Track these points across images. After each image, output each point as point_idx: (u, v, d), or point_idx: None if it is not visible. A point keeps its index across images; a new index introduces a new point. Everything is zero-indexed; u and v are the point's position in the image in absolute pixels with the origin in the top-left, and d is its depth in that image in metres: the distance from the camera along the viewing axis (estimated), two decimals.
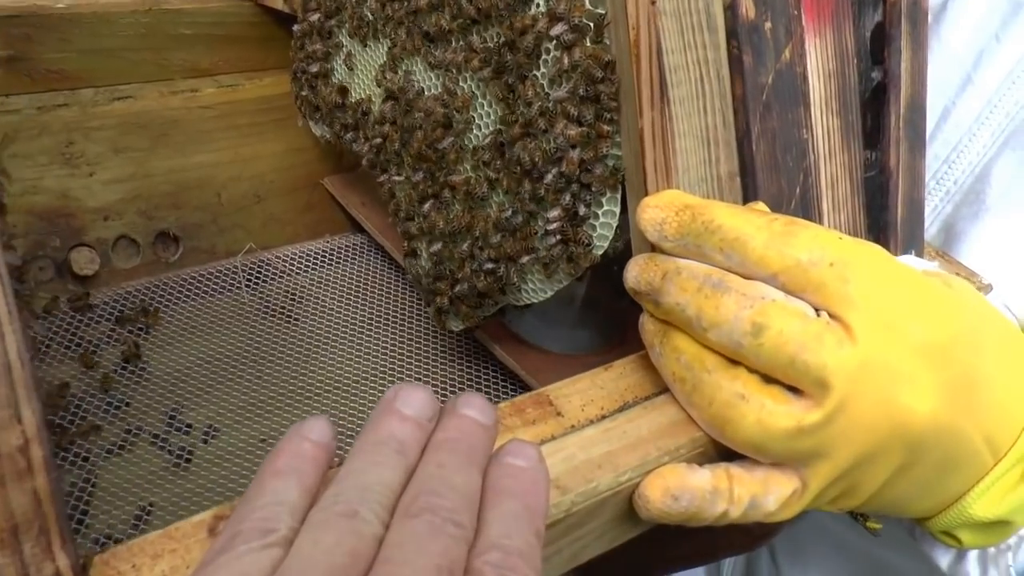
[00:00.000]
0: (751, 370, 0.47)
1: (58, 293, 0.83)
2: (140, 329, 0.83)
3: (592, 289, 0.75)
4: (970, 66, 0.80)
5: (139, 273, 0.89)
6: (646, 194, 0.52)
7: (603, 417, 0.50)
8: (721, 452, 0.50)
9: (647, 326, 0.52)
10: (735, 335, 0.46)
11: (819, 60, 0.58)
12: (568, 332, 0.78)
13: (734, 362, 0.48)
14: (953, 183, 0.79)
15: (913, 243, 0.66)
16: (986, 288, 0.68)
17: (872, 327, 0.45)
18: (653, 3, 0.49)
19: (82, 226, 0.85)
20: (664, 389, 0.52)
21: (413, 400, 0.41)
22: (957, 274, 0.68)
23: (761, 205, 0.53)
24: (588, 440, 0.48)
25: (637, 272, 0.51)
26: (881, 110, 0.63)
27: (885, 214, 0.64)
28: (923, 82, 0.64)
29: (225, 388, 0.78)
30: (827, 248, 0.46)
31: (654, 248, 0.51)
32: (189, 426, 0.73)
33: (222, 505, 0.42)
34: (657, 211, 0.50)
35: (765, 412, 0.46)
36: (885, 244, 0.64)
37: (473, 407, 0.42)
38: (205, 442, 0.72)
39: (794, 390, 0.46)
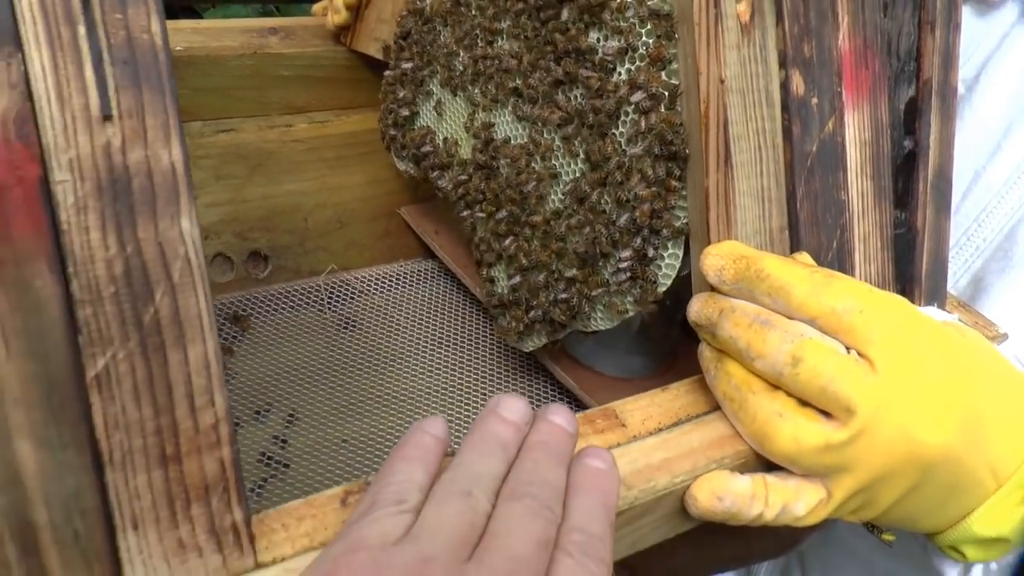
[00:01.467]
0: (789, 394, 0.55)
1: None
2: (233, 336, 0.92)
3: (646, 318, 0.82)
4: (1000, 135, 0.85)
5: (232, 287, 0.99)
6: (708, 243, 0.60)
7: (660, 430, 0.58)
8: (761, 464, 0.57)
9: (704, 353, 0.60)
10: (777, 365, 0.54)
11: (856, 131, 0.64)
12: (623, 356, 0.84)
13: (775, 387, 0.56)
14: (983, 240, 0.84)
15: (937, 293, 0.72)
16: (1001, 336, 0.74)
17: (893, 364, 0.53)
18: (722, 81, 0.57)
19: None
20: (712, 409, 0.60)
21: (513, 407, 0.50)
22: (976, 323, 0.75)
23: (805, 256, 0.61)
24: (649, 448, 0.56)
25: (699, 308, 0.59)
26: (911, 175, 0.70)
27: (912, 267, 0.71)
28: (950, 152, 0.71)
29: (309, 394, 0.86)
30: (858, 298, 0.54)
31: (713, 289, 0.59)
32: (276, 427, 0.81)
33: (351, 483, 0.50)
34: (718, 259, 0.58)
35: (799, 430, 0.54)
36: (911, 293, 0.71)
37: (560, 415, 0.51)
38: (290, 442, 0.80)
39: (825, 413, 0.54)
